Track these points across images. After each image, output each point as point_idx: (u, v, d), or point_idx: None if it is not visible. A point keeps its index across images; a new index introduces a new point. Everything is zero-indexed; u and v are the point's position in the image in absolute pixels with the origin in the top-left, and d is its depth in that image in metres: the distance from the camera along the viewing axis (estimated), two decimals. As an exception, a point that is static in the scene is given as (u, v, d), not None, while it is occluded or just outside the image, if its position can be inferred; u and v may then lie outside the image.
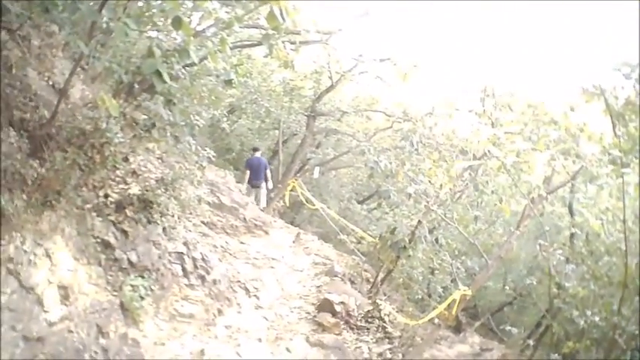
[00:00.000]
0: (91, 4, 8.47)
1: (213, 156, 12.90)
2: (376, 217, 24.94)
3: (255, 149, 21.05)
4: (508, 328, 13.96)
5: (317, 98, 23.50)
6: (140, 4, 10.72)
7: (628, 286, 11.19)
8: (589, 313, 11.24)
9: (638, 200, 11.42)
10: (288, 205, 22.31)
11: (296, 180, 22.28)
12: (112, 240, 9.24)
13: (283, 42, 14.94)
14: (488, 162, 19.40)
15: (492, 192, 20.54)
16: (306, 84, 24.66)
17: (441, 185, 19.84)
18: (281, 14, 9.54)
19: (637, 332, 10.16)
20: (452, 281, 18.94)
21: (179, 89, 10.82)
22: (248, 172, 20.06)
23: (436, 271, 19.81)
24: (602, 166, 12.95)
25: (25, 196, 7.82)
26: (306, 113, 23.88)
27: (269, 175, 20.77)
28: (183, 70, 9.98)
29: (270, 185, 20.99)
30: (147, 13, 10.91)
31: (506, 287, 20.77)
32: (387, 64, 21.58)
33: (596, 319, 11.06)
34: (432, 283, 19.56)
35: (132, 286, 9.21)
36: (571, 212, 16.51)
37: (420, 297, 19.34)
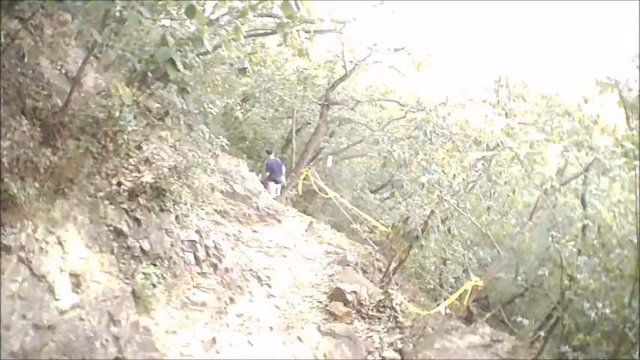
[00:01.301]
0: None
1: (227, 144, 12.92)
2: (389, 206, 24.87)
3: (269, 152, 21.98)
4: (519, 319, 13.85)
5: (331, 87, 23.41)
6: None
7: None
8: (600, 305, 11.19)
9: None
10: (301, 193, 22.32)
11: (309, 169, 22.29)
12: (125, 228, 9.27)
13: (297, 31, 14.92)
14: (502, 153, 19.39)
15: (505, 183, 20.45)
16: (320, 73, 24.60)
17: (454, 175, 19.80)
18: (295, 3, 9.53)
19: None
20: (464, 272, 18.89)
21: (192, 78, 10.80)
22: (268, 173, 20.86)
23: (448, 262, 19.76)
24: (614, 159, 12.86)
25: (37, 184, 7.86)
26: (319, 102, 23.82)
27: (284, 171, 21.57)
28: (196, 59, 9.94)
29: (284, 180, 21.64)
30: (160, 2, 10.92)
31: (518, 278, 20.68)
32: (401, 54, 21.51)
33: (607, 311, 11.02)
34: (444, 274, 19.49)
35: (144, 274, 9.26)
36: (584, 204, 16.39)
37: (432, 287, 19.34)
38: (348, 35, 20.75)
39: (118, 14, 8.90)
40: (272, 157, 21.43)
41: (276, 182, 21.11)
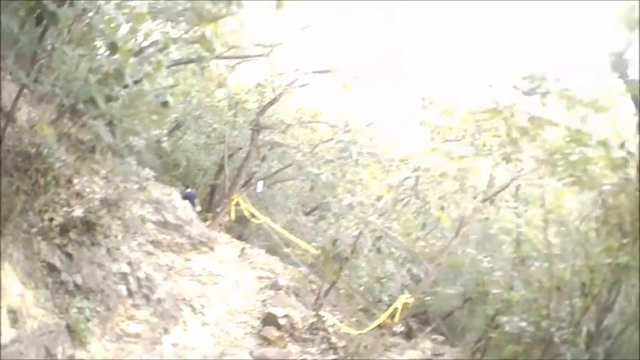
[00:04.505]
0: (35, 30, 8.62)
1: (155, 176, 13.05)
2: (323, 228, 25.31)
3: (187, 187, 22.63)
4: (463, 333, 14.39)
5: (261, 111, 23.66)
6: (84, 28, 10.87)
7: (561, 290, 11.80)
8: (516, 318, 11.75)
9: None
10: (234, 219, 22.48)
11: (240, 195, 22.47)
12: (58, 263, 9.31)
13: (217, 62, 15.24)
14: (429, 170, 20.04)
15: (439, 198, 21.09)
16: (250, 97, 24.80)
17: (381, 196, 20.38)
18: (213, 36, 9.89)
19: (575, 332, 10.74)
20: (401, 290, 19.36)
21: (119, 110, 10.96)
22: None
23: (383, 280, 20.20)
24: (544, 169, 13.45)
25: (-28, 224, 7.89)
26: (250, 127, 24.05)
27: (197, 202, 21.74)
28: (122, 92, 10.15)
29: (198, 208, 21.73)
30: (88, 36, 11.09)
31: (456, 292, 21.21)
32: (328, 76, 22.03)
33: (523, 324, 11.58)
34: (378, 292, 19.90)
35: (78, 308, 9.31)
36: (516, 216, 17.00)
37: (366, 307, 19.76)
38: (276, 59, 21.09)
39: (49, 47, 9.06)
40: (188, 190, 21.83)
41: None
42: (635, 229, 10.83)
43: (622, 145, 11.53)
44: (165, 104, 11.46)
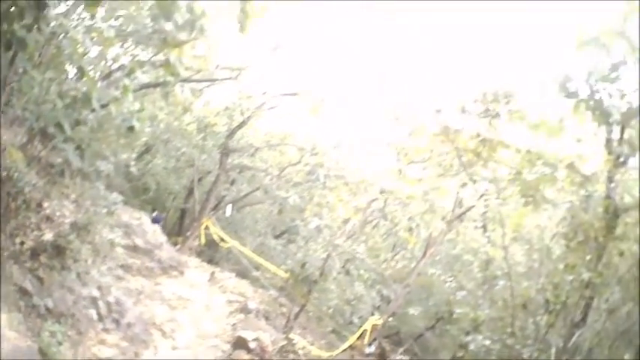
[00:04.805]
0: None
1: (124, 200, 13.06)
2: (293, 251, 25.37)
3: (154, 210, 22.68)
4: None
5: (229, 135, 23.73)
6: (53, 50, 10.92)
7: (526, 307, 12.03)
8: (480, 337, 11.92)
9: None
10: (204, 243, 22.42)
11: (209, 218, 22.46)
12: (29, 287, 9.24)
13: (183, 87, 15.35)
14: (396, 192, 20.30)
15: (409, 219, 21.33)
16: (219, 121, 24.89)
17: (348, 218, 20.57)
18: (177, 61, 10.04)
19: (542, 348, 10.95)
20: (372, 311, 19.49)
21: (88, 134, 11.00)
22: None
23: (353, 302, 20.30)
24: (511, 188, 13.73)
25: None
26: (219, 150, 24.08)
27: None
28: (90, 116, 10.21)
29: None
30: (57, 60, 11.12)
31: (426, 312, 21.35)
32: (296, 99, 22.24)
33: (487, 342, 11.74)
34: (349, 314, 19.99)
35: (50, 332, 9.23)
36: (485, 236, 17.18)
37: (336, 329, 19.83)
38: (245, 82, 21.23)
39: (20, 71, 9.10)
40: (154, 214, 21.83)
41: None
42: (600, 245, 11.14)
43: (569, 166, 11.87)
44: (131, 129, 11.53)
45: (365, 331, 16.41)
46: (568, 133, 12.24)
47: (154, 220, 19.62)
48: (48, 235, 10.21)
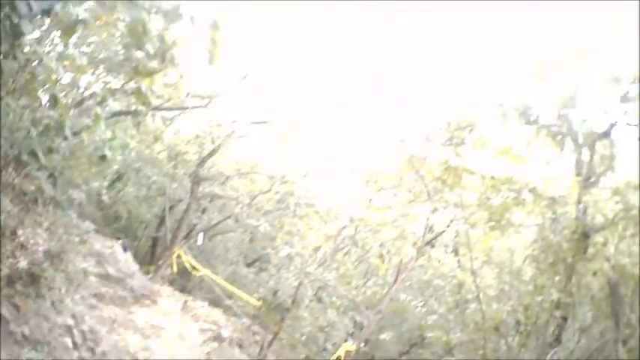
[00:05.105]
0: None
1: (96, 229, 13.00)
2: (265, 279, 25.33)
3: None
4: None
5: (200, 163, 23.74)
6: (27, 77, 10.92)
7: (498, 330, 12.21)
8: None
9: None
10: (176, 272, 22.29)
11: (181, 247, 22.35)
12: (7, 314, 9.20)
13: (154, 115, 15.42)
14: (366, 219, 20.45)
15: (380, 246, 21.48)
16: (190, 149, 24.90)
17: (319, 246, 20.67)
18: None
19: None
20: (346, 338, 19.49)
21: (60, 161, 10.99)
22: None
23: (326, 329, 20.29)
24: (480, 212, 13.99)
25: None
26: (190, 179, 24.04)
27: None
28: (63, 144, 10.22)
29: None
30: (31, 86, 11.12)
31: (400, 337, 21.37)
32: (266, 127, 22.40)
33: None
34: (323, 341, 19.97)
35: (27, 359, 9.17)
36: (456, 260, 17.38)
37: (310, 356, 19.77)
38: (215, 110, 21.32)
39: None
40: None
41: None
42: (569, 266, 11.41)
43: (532, 190, 12.20)
44: (103, 158, 11.53)
45: (339, 357, 16.40)
46: (538, 155, 12.55)
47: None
48: (23, 263, 10.13)
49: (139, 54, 11.95)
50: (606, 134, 11.93)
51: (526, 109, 12.14)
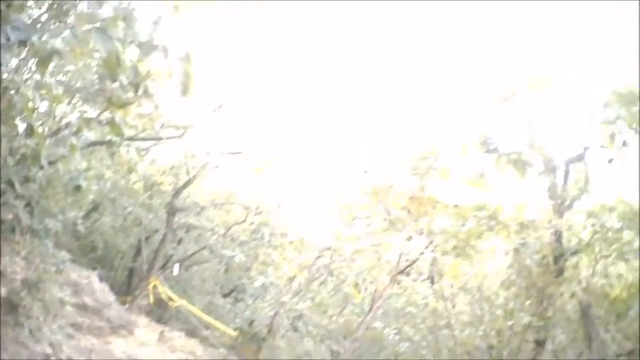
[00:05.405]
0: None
1: (72, 258, 13.02)
2: (241, 309, 25.27)
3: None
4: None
5: (175, 194, 23.75)
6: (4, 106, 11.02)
7: (471, 354, 12.41)
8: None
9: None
10: (152, 302, 22.17)
11: (157, 278, 22.28)
12: (-12, 340, 9.26)
13: (128, 146, 15.54)
14: (340, 249, 20.62)
15: (357, 275, 21.62)
16: (165, 179, 24.93)
17: (294, 276, 20.78)
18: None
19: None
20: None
21: (37, 191, 11.07)
22: None
23: (303, 358, 20.30)
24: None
25: None
26: (165, 209, 24.03)
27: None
28: (39, 173, 10.32)
29: None
30: (8, 114, 11.22)
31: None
32: (241, 157, 22.57)
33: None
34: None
35: (6, 386, 9.19)
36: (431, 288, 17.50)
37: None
38: (190, 140, 21.43)
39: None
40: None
41: None
42: (540, 289, 11.66)
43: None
44: (78, 188, 11.62)
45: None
46: (510, 182, 12.85)
47: None
48: (1, 291, 10.18)
49: (113, 85, 12.15)
50: (580, 157, 12.24)
51: (486, 139, 12.47)
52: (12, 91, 10.57)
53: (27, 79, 11.73)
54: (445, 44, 19.17)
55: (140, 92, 12.24)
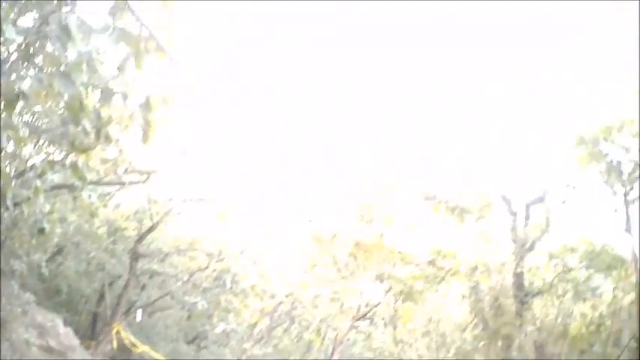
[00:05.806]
0: None
1: (37, 301, 13.04)
2: (205, 356, 25.15)
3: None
4: None
5: (138, 240, 23.72)
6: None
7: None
8: None
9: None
10: (116, 348, 21.96)
11: (120, 324, 22.12)
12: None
13: (91, 191, 15.65)
14: (303, 295, 20.79)
15: (320, 321, 21.77)
16: (129, 225, 24.88)
17: (255, 322, 20.87)
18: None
19: None
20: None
21: (3, 232, 11.20)
22: None
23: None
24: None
25: None
26: (128, 255, 23.95)
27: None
28: (5, 214, 10.48)
29: None
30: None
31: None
32: (204, 204, 22.72)
33: None
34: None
35: None
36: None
37: None
38: (154, 186, 21.55)
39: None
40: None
41: None
42: (495, 332, 12.02)
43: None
44: (41, 231, 11.73)
45: None
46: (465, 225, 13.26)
47: None
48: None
49: (77, 129, 12.32)
50: (540, 199, 12.69)
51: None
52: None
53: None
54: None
55: (102, 137, 12.51)
